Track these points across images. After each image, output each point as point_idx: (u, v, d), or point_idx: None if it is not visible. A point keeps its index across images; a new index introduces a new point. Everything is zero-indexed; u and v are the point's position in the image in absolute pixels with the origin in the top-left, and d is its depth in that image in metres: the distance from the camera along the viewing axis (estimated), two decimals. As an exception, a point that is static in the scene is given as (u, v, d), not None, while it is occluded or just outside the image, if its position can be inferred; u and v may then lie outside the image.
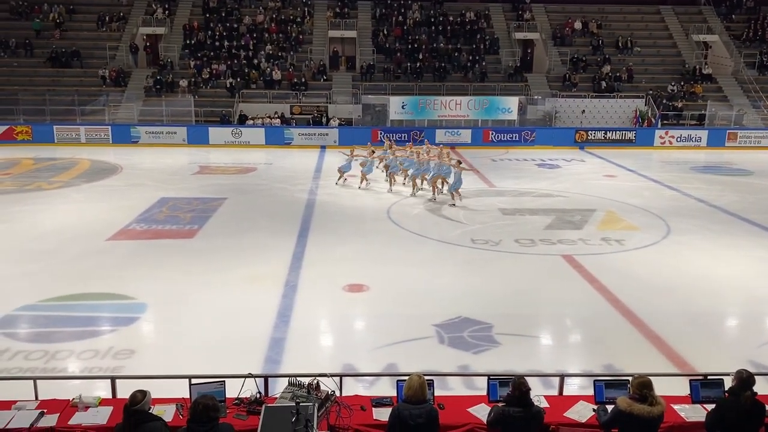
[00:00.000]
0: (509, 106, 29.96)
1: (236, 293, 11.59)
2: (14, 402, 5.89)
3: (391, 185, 20.09)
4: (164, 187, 20.09)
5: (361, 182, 20.15)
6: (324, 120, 29.66)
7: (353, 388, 7.35)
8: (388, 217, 17.04)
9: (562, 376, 6.72)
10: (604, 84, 32.27)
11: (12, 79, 30.69)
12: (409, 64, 32.59)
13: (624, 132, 29.97)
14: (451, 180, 18.51)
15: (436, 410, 5.49)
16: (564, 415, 6.05)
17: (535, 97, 31.67)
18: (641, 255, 14.08)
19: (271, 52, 32.73)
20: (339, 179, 20.79)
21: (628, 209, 18.03)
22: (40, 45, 32.48)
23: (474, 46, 34.05)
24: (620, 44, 34.57)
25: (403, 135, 29.00)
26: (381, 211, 17.54)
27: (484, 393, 6.45)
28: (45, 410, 5.73)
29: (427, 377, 5.69)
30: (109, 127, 28.22)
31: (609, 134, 29.77)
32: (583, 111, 31.16)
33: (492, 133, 29.48)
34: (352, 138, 28.66)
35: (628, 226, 16.42)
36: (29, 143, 27.46)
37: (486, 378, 6.51)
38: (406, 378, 5.60)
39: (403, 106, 29.58)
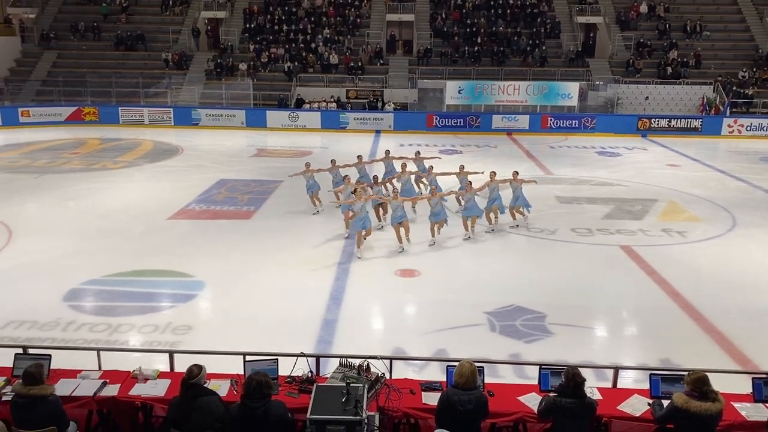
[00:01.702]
0: (569, 91, 29.23)
1: (290, 274, 11.78)
2: (79, 371, 6.17)
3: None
4: (223, 169, 20.53)
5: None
6: (379, 104, 29.64)
7: (402, 371, 7.38)
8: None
9: (617, 369, 6.57)
10: (669, 70, 31.08)
11: (80, 61, 31.84)
12: (466, 48, 32.17)
13: (690, 120, 28.84)
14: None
15: (486, 397, 5.46)
16: (617, 408, 5.92)
17: (597, 82, 30.79)
18: (704, 248, 13.57)
19: (328, 35, 32.87)
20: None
21: (692, 200, 17.38)
22: (107, 29, 33.56)
23: (534, 30, 33.31)
24: (688, 28, 33.16)
25: (458, 120, 28.78)
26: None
27: (535, 382, 6.37)
28: (107, 380, 5.98)
29: (477, 364, 5.66)
30: (171, 109, 28.98)
31: (673, 122, 28.70)
32: (647, 98, 30.12)
33: (551, 120, 28.84)
34: (408, 122, 28.66)
35: (691, 217, 15.84)
36: (96, 124, 28.49)
37: (538, 367, 6.43)
38: (457, 364, 5.58)
39: (459, 91, 29.27)
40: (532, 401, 5.90)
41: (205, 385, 5.35)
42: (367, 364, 5.78)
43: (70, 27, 33.47)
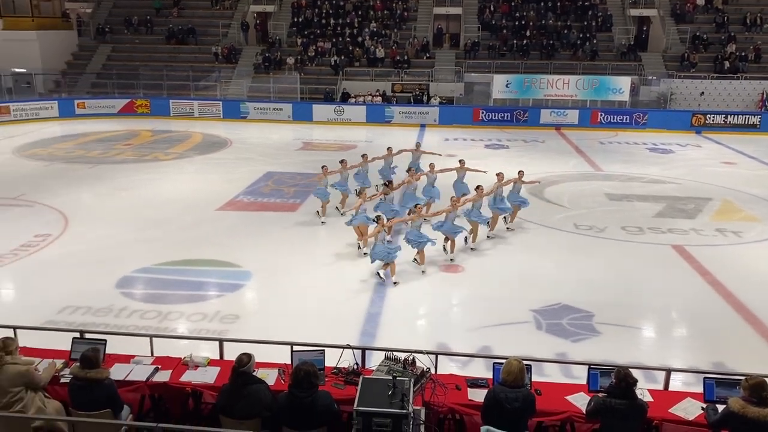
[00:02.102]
0: (620, 86, 28.53)
1: (335, 266, 11.87)
2: (133, 356, 6.35)
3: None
4: (270, 162, 20.79)
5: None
6: (425, 98, 29.52)
7: (446, 367, 7.36)
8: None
9: (669, 371, 6.40)
10: (727, 64, 30.00)
11: (134, 55, 32.64)
12: (515, 42, 31.74)
13: (747, 116, 27.80)
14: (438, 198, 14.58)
15: (533, 395, 5.39)
16: (669, 411, 5.77)
17: (650, 77, 29.96)
18: (761, 249, 13.10)
19: (375, 29, 32.88)
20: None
21: (748, 199, 16.78)
22: (160, 23, 34.31)
23: (585, 23, 32.61)
24: (748, 21, 31.93)
25: (506, 114, 28.45)
26: (479, 192, 17.29)
27: (582, 382, 6.27)
28: (159, 366, 6.14)
29: (525, 362, 5.59)
30: (221, 102, 29.47)
31: (730, 118, 27.72)
32: (702, 93, 29.15)
33: (601, 115, 28.23)
34: (453, 116, 28.47)
35: (747, 217, 15.30)
36: (148, 116, 29.19)
37: (586, 367, 6.31)
38: (504, 361, 5.53)
39: (507, 85, 28.90)
40: (581, 401, 5.80)
41: (254, 374, 5.44)
42: (413, 358, 5.77)
43: (124, 21, 34.35)
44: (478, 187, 13.00)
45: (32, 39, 31.46)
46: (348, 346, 6.14)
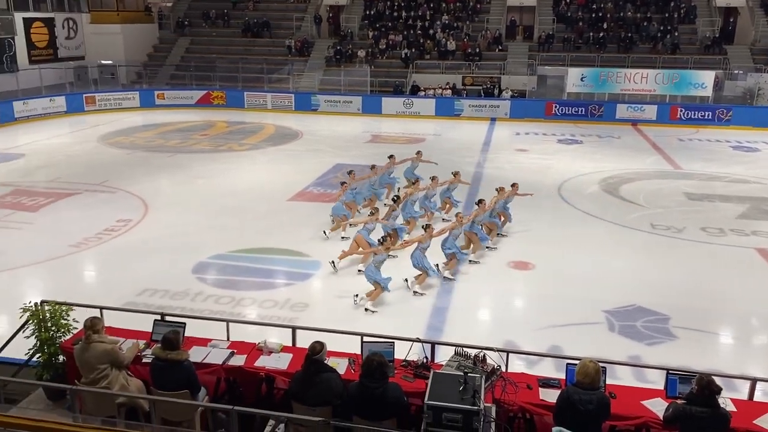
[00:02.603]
0: (703, 81, 27.25)
1: (402, 259, 11.87)
2: (209, 340, 6.56)
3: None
4: (339, 154, 21.02)
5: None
6: (496, 91, 29.09)
7: (514, 365, 7.26)
8: (559, 194, 16.43)
9: (754, 380, 6.09)
10: (822, 57, 28.17)
11: (211, 47, 33.62)
12: (591, 34, 30.81)
13: (842, 113, 26.06)
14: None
15: (608, 398, 5.24)
16: (754, 422, 5.49)
17: (735, 71, 28.47)
18: None
19: (447, 21, 32.64)
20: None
21: (843, 202, 15.75)
22: (236, 16, 35.20)
23: (666, 15, 31.30)
24: None
25: (580, 109, 27.70)
26: (551, 188, 16.95)
27: (657, 387, 6.06)
28: (235, 351, 6.31)
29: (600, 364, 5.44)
30: (293, 95, 29.99)
31: (823, 115, 26.05)
32: (793, 88, 27.49)
33: (681, 111, 27.06)
34: (525, 110, 27.96)
35: (842, 221, 14.35)
36: (223, 107, 30.04)
37: (662, 372, 6.10)
38: (577, 361, 5.40)
39: (582, 78, 28.11)
40: (657, 406, 5.60)
41: (326, 362, 5.52)
42: (483, 355, 5.72)
43: (202, 14, 35.42)
44: (480, 201, 12.34)
45: (117, 32, 32.90)
46: (418, 340, 6.15)
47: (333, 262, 11.33)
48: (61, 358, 6.69)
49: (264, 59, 31.87)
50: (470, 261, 11.77)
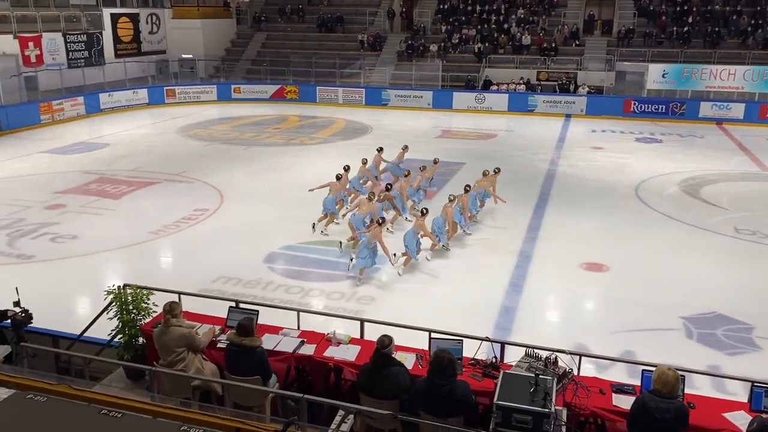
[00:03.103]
0: (797, 78, 25.66)
1: (470, 256, 11.80)
2: (281, 328, 6.70)
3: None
4: (409, 149, 20.96)
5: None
6: (572, 87, 28.35)
7: (586, 369, 7.06)
8: (636, 194, 15.86)
9: None
10: None
11: (285, 42, 34.26)
12: (675, 29, 29.52)
13: None
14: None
15: (687, 408, 5.01)
16: None
17: (833, 67, 26.68)
18: None
19: (522, 16, 32.04)
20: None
21: None
22: (311, 11, 35.71)
23: (758, 8, 29.60)
24: None
25: (660, 106, 26.64)
26: (629, 188, 16.39)
27: (739, 399, 5.76)
28: (305, 340, 6.42)
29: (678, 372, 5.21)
30: (363, 89, 30.19)
31: None
32: None
33: (771, 109, 25.61)
34: (602, 107, 27.14)
35: None
36: (296, 102, 30.58)
37: (746, 384, 5.79)
38: (652, 368, 5.19)
39: (663, 75, 27.00)
40: (740, 420, 5.31)
41: (393, 356, 5.53)
42: (555, 357, 5.59)
43: (278, 10, 36.14)
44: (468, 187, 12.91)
45: (197, 27, 33.98)
46: (488, 339, 6.07)
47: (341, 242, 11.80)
48: (141, 339, 6.99)
49: (336, 54, 32.21)
50: (443, 246, 11.87)
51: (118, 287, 7.11)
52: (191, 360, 5.95)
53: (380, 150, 16.06)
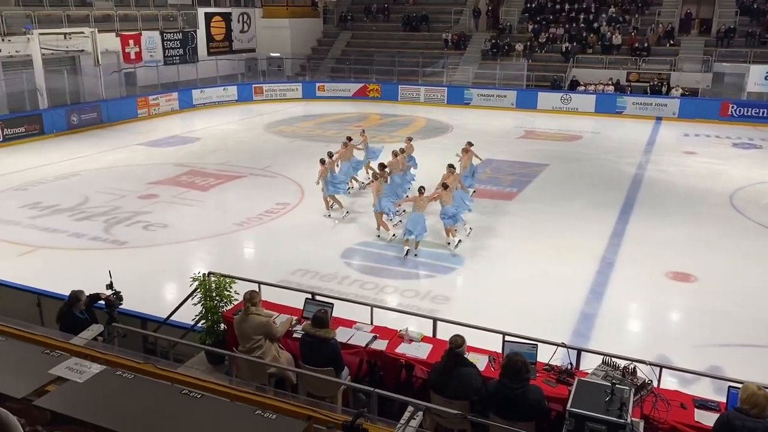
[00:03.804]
0: None
1: (549, 260, 11.53)
2: (354, 322, 6.80)
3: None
4: (489, 149, 20.67)
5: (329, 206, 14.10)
6: (664, 89, 27.14)
7: (667, 382, 6.77)
8: (731, 202, 15.03)
9: None
10: None
11: (370, 41, 34.62)
12: (780, 28, 27.74)
13: None
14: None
15: (777, 430, 4.71)
16: None
17: None
18: None
19: (613, 14, 30.97)
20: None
21: None
22: (396, 10, 35.93)
23: None
24: None
25: (762, 110, 25.08)
26: (723, 196, 15.54)
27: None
28: (377, 335, 6.49)
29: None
30: (446, 88, 30.07)
31: None
32: None
33: None
34: (696, 110, 25.85)
35: None
36: (378, 100, 30.85)
37: None
38: (740, 385, 4.91)
39: (766, 77, 25.39)
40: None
41: (466, 357, 5.50)
42: (634, 367, 5.39)
43: (364, 9, 36.57)
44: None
45: (285, 26, 34.92)
46: (563, 345, 5.93)
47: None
48: (222, 326, 7.28)
49: (420, 53, 32.25)
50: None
51: (203, 275, 7.43)
52: (268, 348, 6.14)
53: (349, 139, 16.65)
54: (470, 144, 15.13)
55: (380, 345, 6.30)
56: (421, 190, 11.95)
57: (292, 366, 6.22)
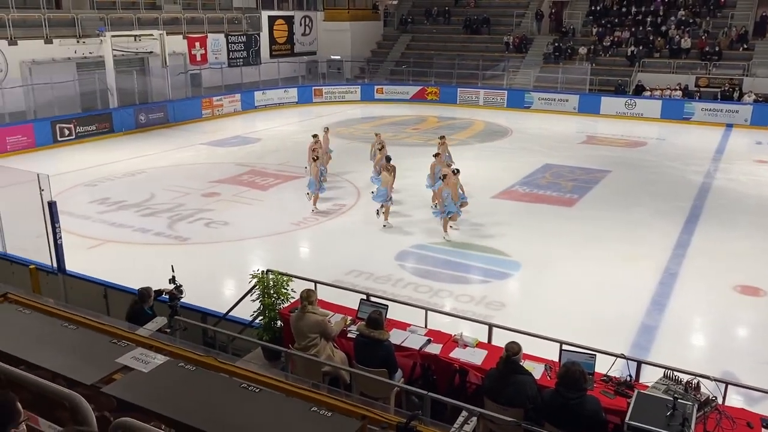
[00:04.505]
0: None
1: (609, 269, 11.25)
2: (408, 325, 6.81)
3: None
4: (549, 154, 20.42)
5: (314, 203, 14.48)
6: (736, 95, 26.07)
7: (732, 399, 6.50)
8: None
9: None
10: None
11: (430, 44, 34.58)
12: None
13: None
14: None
15: None
16: None
17: None
18: None
19: (683, 17, 29.96)
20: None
21: None
22: (457, 13, 35.77)
23: None
24: None
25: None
26: (797, 207, 14.83)
27: None
28: (431, 338, 6.47)
29: None
30: (506, 91, 29.74)
31: None
32: None
33: None
34: (769, 117, 24.74)
35: None
36: (436, 103, 30.77)
37: None
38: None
39: None
40: None
41: (522, 364, 5.43)
42: (698, 382, 5.20)
43: (424, 12, 36.57)
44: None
45: (345, 29, 35.27)
46: (623, 356, 5.78)
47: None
48: (278, 323, 7.41)
49: (480, 56, 32.00)
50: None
51: (262, 272, 7.58)
52: (323, 346, 6.21)
53: (326, 130, 17.56)
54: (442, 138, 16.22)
55: (434, 349, 6.28)
56: (455, 171, 12.94)
57: (346, 365, 6.27)
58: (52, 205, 9.06)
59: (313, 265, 11.57)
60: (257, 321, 7.61)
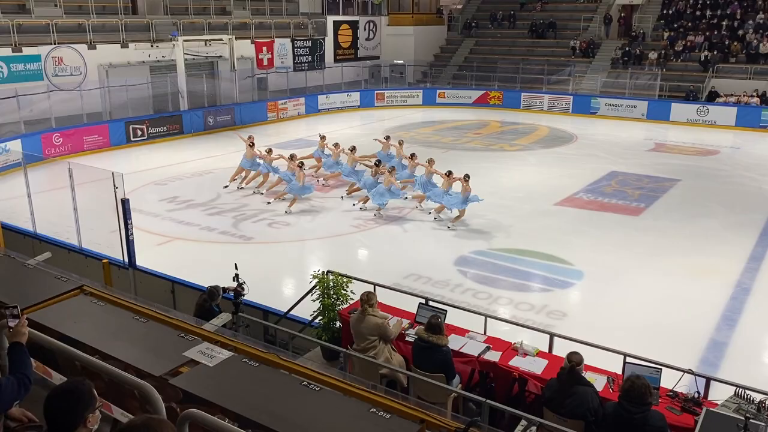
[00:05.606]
0: None
1: (676, 281, 10.87)
2: (467, 331, 6.76)
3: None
4: (616, 161, 19.88)
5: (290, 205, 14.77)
6: (818, 102, 24.75)
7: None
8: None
9: None
10: None
11: (494, 48, 34.25)
12: None
13: None
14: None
15: None
16: None
17: None
18: None
19: (762, 21, 28.64)
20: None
21: None
22: (523, 17, 35.31)
23: None
24: None
25: None
26: None
27: None
28: (490, 346, 6.40)
29: None
30: (571, 97, 29.14)
31: None
32: None
33: None
34: None
35: None
36: (499, 107, 30.45)
37: None
38: None
39: None
40: None
41: (583, 375, 5.31)
42: (772, 402, 4.96)
43: (489, 16, 36.26)
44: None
45: (409, 34, 35.37)
46: (691, 372, 5.56)
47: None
48: (337, 323, 7.49)
49: (546, 60, 31.49)
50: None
51: (322, 273, 7.69)
52: (381, 349, 6.25)
53: (323, 138, 18.26)
54: (387, 138, 17.91)
55: (493, 356, 6.21)
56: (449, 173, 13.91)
57: (404, 369, 6.28)
58: (125, 202, 9.45)
59: (372, 267, 11.65)
60: (317, 321, 7.72)
